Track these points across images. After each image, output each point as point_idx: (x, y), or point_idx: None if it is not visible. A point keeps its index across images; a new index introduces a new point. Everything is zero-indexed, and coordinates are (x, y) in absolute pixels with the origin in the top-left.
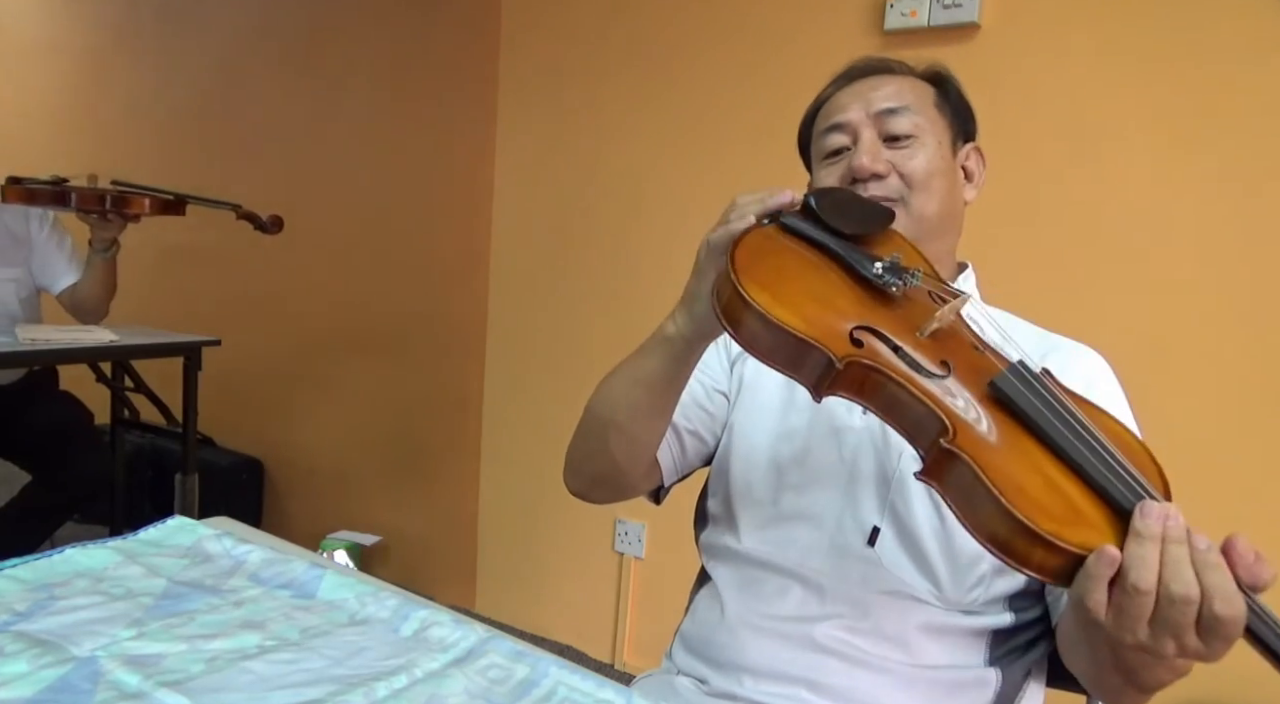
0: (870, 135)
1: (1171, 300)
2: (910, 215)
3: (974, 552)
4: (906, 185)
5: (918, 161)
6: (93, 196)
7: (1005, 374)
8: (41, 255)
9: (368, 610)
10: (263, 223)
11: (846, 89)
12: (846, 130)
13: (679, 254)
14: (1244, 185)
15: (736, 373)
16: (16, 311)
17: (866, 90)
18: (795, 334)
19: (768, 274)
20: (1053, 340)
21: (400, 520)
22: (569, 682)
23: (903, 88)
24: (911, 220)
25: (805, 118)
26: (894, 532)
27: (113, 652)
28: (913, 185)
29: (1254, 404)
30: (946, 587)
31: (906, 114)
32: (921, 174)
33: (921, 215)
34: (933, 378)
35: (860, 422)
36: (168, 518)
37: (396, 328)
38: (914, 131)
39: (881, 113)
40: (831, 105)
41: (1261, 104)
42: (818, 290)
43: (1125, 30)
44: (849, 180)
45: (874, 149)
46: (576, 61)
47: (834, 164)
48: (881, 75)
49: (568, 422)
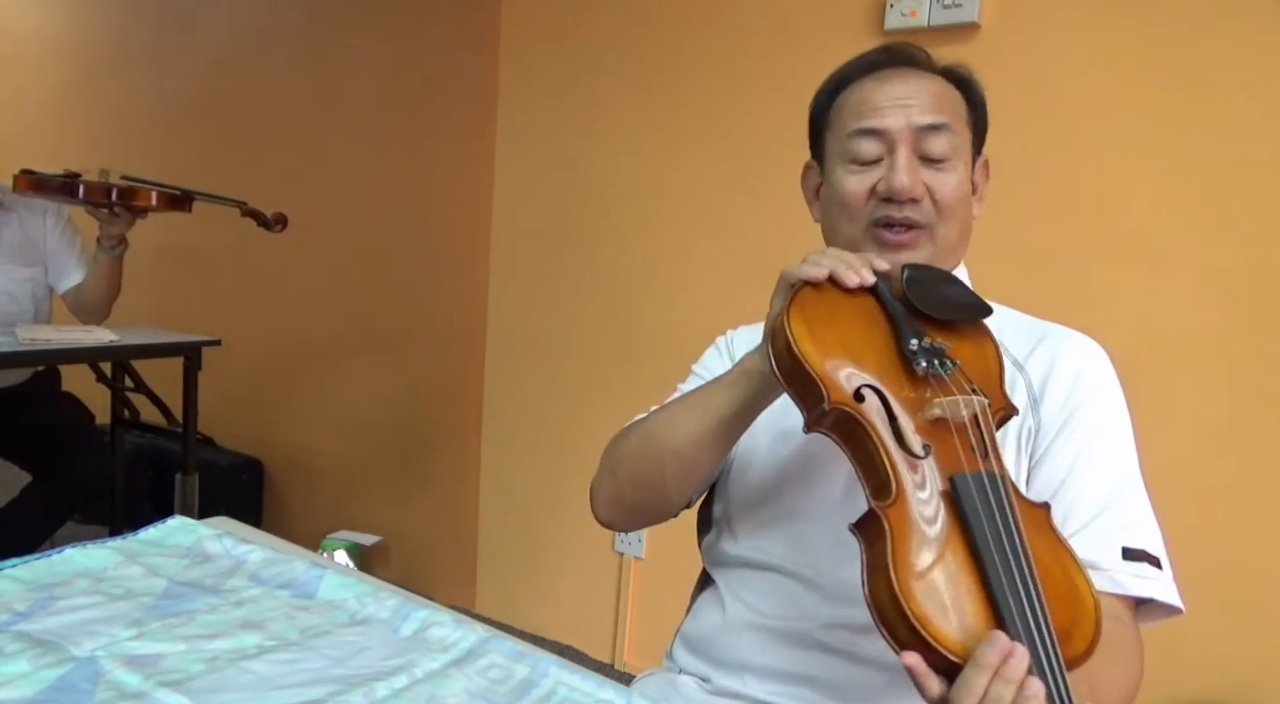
0: (908, 152)
1: (1172, 300)
2: (934, 243)
3: None
4: (937, 211)
5: (950, 188)
6: (100, 189)
7: (968, 476)
8: (53, 253)
9: (368, 610)
10: (267, 220)
11: (881, 87)
12: (883, 140)
13: (679, 253)
14: (1245, 184)
15: None
16: (32, 310)
17: (904, 93)
18: (806, 367)
19: (817, 313)
20: (1046, 328)
21: (400, 520)
22: (569, 682)
23: (941, 97)
24: (935, 249)
25: (821, 97)
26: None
27: (113, 652)
28: (942, 212)
29: (1254, 399)
30: None
31: (946, 134)
32: (952, 201)
33: (945, 243)
34: (907, 453)
35: None
36: (168, 518)
37: (396, 328)
38: (950, 154)
39: (923, 129)
40: (864, 102)
41: (1262, 103)
42: (854, 342)
43: (1125, 30)
44: (882, 198)
45: (913, 169)
46: (576, 58)
47: (860, 172)
48: (912, 69)
49: (568, 422)
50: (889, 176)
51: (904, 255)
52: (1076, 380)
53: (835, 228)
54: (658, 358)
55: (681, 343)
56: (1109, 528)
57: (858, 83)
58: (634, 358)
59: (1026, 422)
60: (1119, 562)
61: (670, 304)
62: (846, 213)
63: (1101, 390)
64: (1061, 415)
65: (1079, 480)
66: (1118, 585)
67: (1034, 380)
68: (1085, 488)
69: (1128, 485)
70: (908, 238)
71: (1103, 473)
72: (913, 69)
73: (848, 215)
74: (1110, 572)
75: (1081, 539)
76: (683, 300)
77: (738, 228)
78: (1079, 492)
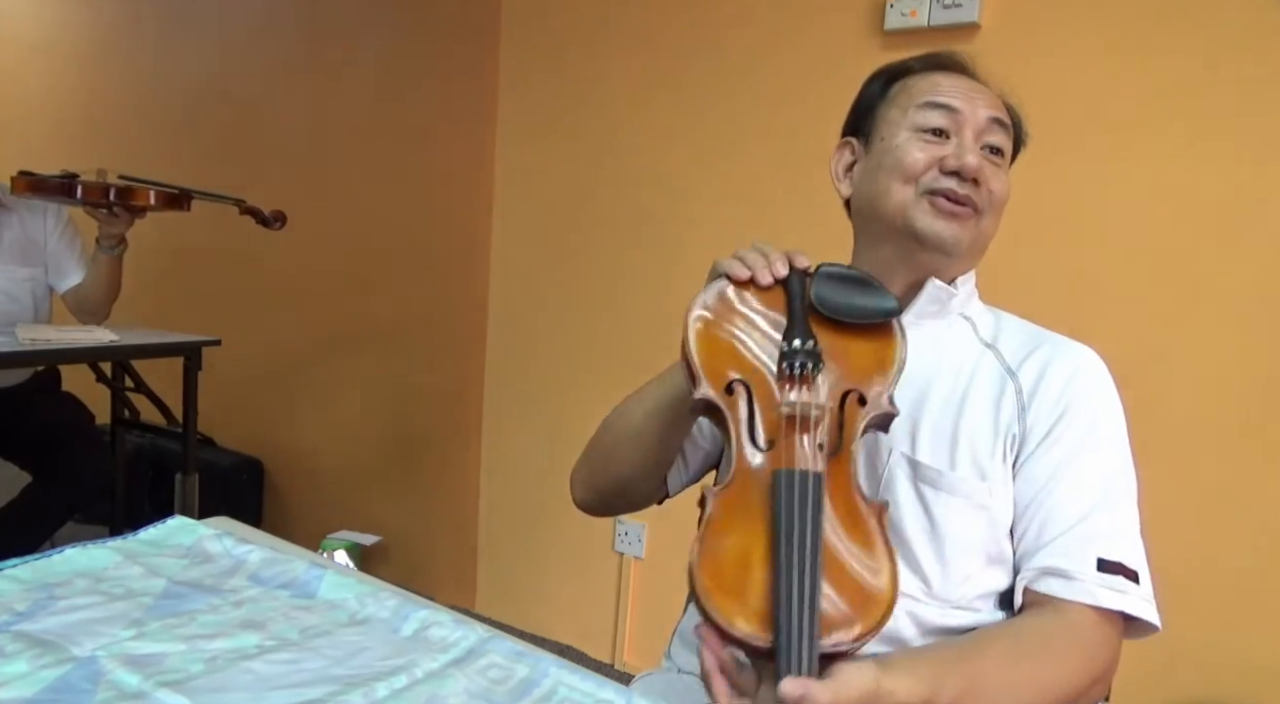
0: (972, 137)
1: (1174, 299)
2: (978, 230)
3: (961, 547)
4: (988, 202)
5: (1001, 182)
6: (98, 189)
7: (786, 472)
8: (54, 253)
9: (368, 610)
10: (265, 217)
11: (951, 78)
12: (953, 118)
13: (679, 252)
14: (1246, 184)
15: None
16: (32, 310)
17: (972, 88)
18: (690, 358)
19: (723, 308)
20: (1043, 337)
21: (400, 520)
22: (569, 682)
23: (998, 103)
24: (976, 235)
25: (878, 80)
26: None
27: (113, 652)
28: (990, 205)
29: (1253, 401)
30: (935, 584)
31: (1006, 132)
32: (1000, 196)
33: (983, 234)
34: (755, 446)
35: None
36: (168, 518)
37: (396, 328)
38: (1006, 150)
39: (991, 120)
40: (937, 85)
41: (1263, 103)
42: (744, 338)
43: (1125, 30)
44: (948, 170)
45: (979, 152)
46: (576, 57)
47: (928, 142)
48: (970, 78)
49: (568, 422)
50: (960, 153)
51: (953, 228)
52: (1066, 387)
53: (884, 192)
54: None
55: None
56: (1085, 536)
57: (923, 73)
58: (634, 357)
59: (1012, 429)
60: (1092, 572)
61: (671, 304)
62: (906, 178)
63: (1093, 398)
64: (1048, 421)
65: (1060, 487)
66: (1089, 595)
67: (1024, 387)
68: (1066, 496)
69: (1112, 496)
70: (963, 211)
71: (1086, 482)
72: (968, 77)
73: (905, 179)
74: (1083, 582)
75: (1056, 547)
76: (683, 299)
77: (739, 226)
78: (1059, 499)
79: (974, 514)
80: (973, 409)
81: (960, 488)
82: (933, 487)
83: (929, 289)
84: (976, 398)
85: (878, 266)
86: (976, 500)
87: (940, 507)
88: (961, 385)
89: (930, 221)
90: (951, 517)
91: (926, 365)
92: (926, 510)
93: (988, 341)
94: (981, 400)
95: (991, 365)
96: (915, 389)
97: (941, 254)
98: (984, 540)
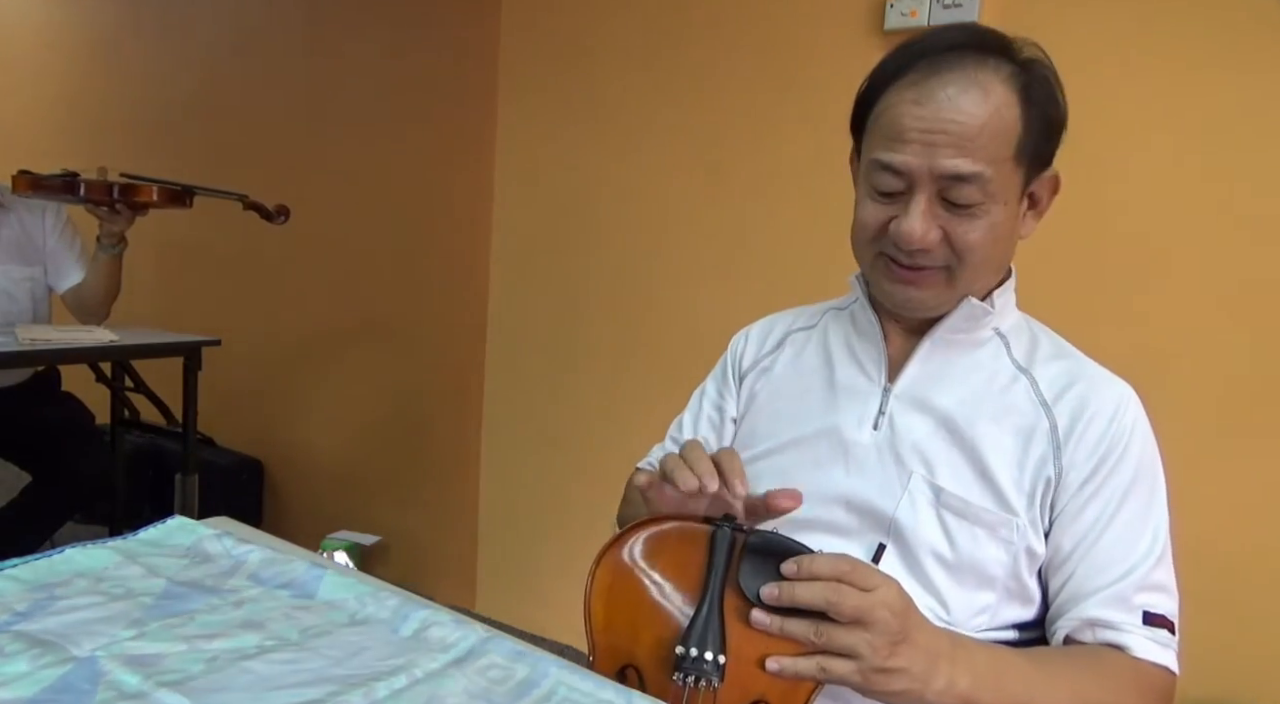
0: (928, 196)
1: (1175, 299)
2: (952, 283)
3: (982, 578)
4: (956, 256)
5: (976, 235)
6: (101, 187)
7: None
8: (53, 253)
9: (368, 610)
10: (269, 212)
11: (916, 107)
12: (904, 178)
13: (678, 252)
14: (1249, 185)
15: (747, 387)
16: (30, 310)
17: (937, 121)
18: (585, 618)
19: (632, 561)
20: (1080, 369)
21: (400, 520)
22: (569, 682)
23: (984, 127)
24: (951, 289)
25: (869, 88)
26: (898, 551)
27: (113, 652)
28: (963, 258)
29: (1256, 401)
30: (953, 610)
31: (973, 185)
32: (976, 248)
33: (964, 283)
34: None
35: (869, 438)
36: (168, 518)
37: (397, 328)
38: (981, 199)
39: (947, 177)
40: (895, 124)
41: (1266, 102)
42: (648, 612)
43: (1125, 30)
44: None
45: (929, 215)
46: (576, 57)
47: (880, 203)
48: (967, 73)
49: (568, 422)
50: (900, 219)
51: (909, 291)
52: (1106, 431)
53: (855, 244)
54: (658, 357)
55: (682, 342)
56: (1133, 589)
57: (899, 88)
58: (635, 357)
59: (1045, 469)
60: (1139, 625)
61: (671, 303)
62: (859, 241)
63: (1135, 443)
64: (1087, 466)
65: (1105, 537)
66: (1142, 649)
67: (1059, 425)
68: (1111, 546)
69: (1156, 548)
70: (916, 276)
71: (1132, 532)
72: (970, 72)
73: (860, 242)
74: (1132, 634)
75: (1102, 598)
76: (683, 299)
77: (738, 226)
78: (1105, 549)
79: (998, 547)
80: (1001, 439)
81: (985, 518)
82: (957, 514)
83: (964, 308)
84: (1004, 427)
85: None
86: (1001, 534)
87: (963, 535)
88: (989, 411)
89: (888, 286)
90: (973, 546)
91: (954, 386)
92: (949, 537)
93: (1022, 365)
94: (1011, 431)
95: (1025, 394)
96: (941, 411)
97: (906, 313)
98: (1005, 575)
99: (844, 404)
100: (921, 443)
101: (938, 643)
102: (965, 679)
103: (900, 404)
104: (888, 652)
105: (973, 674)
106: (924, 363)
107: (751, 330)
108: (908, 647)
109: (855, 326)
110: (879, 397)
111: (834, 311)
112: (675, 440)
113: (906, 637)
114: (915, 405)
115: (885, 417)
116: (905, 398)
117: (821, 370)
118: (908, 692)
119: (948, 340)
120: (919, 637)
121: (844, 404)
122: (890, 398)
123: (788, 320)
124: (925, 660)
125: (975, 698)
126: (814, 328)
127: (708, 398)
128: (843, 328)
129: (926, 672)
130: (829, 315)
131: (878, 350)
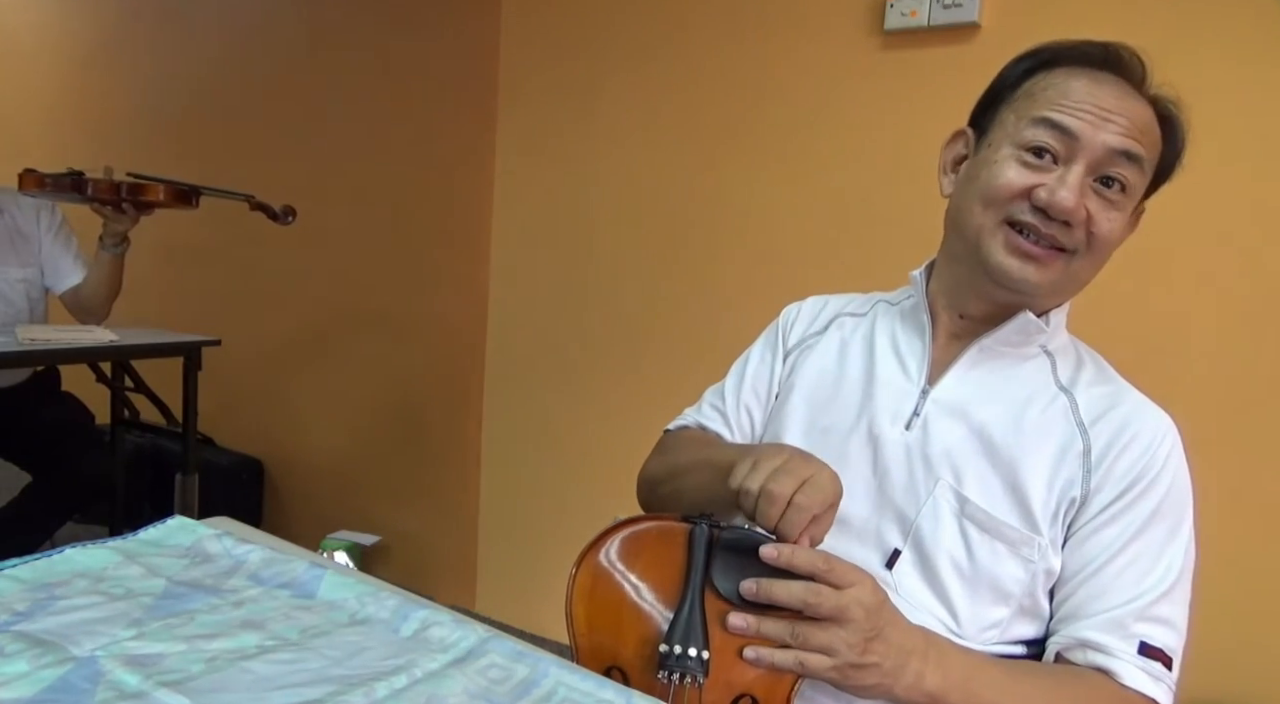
0: (1083, 169)
1: (1176, 300)
2: (1067, 273)
3: (997, 593)
4: (1085, 243)
5: (1111, 226)
6: (108, 186)
7: None
8: (49, 254)
9: (368, 610)
10: (276, 212)
11: (1091, 87)
12: (1067, 142)
13: (678, 252)
14: (1247, 184)
15: (790, 362)
16: (26, 311)
17: (1112, 106)
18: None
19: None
20: (1122, 395)
21: (400, 520)
22: (569, 682)
23: (1147, 129)
24: (1065, 279)
25: (1017, 67)
26: (914, 558)
27: (113, 652)
28: (1092, 245)
29: (1255, 401)
30: (964, 622)
31: (1134, 168)
32: (1105, 241)
33: (1077, 277)
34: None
35: (899, 436)
36: (168, 518)
37: (397, 328)
38: (1127, 190)
39: (1115, 152)
40: (1067, 93)
41: (1263, 104)
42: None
43: (1125, 30)
44: (1037, 204)
45: (1083, 189)
46: (576, 56)
47: (1028, 165)
48: (1128, 86)
49: (569, 422)
50: (1054, 187)
51: (1027, 269)
52: (1140, 458)
53: (967, 209)
54: (658, 356)
55: (681, 341)
56: (1135, 617)
57: (1067, 69)
58: (635, 356)
59: (1072, 490)
60: (1133, 654)
61: (670, 303)
62: (988, 201)
63: (1166, 474)
64: (1114, 491)
65: (1118, 561)
66: (1129, 677)
67: (1093, 447)
68: (1122, 572)
69: (1170, 582)
70: (1044, 254)
71: (1147, 562)
72: (1129, 86)
73: (986, 204)
74: (1123, 661)
75: (1101, 621)
76: (682, 299)
77: (739, 225)
78: (1115, 572)
79: (1017, 565)
80: (1034, 457)
81: (1008, 534)
82: (979, 527)
83: (1019, 321)
84: (1041, 445)
85: (953, 285)
86: (1023, 552)
87: (984, 549)
88: (1026, 427)
89: (1002, 257)
90: (992, 561)
91: (994, 398)
92: (969, 548)
93: (1064, 385)
94: (1045, 450)
95: (1063, 413)
96: (978, 421)
97: (1012, 293)
98: (1021, 592)
99: (880, 399)
100: (953, 450)
101: (911, 640)
102: (935, 678)
103: (936, 408)
104: (862, 648)
105: (943, 674)
106: (967, 370)
107: (804, 305)
108: (880, 643)
109: (904, 323)
110: (915, 397)
111: (885, 304)
112: (714, 407)
113: (879, 633)
114: (951, 411)
115: (919, 418)
116: (942, 402)
117: (863, 361)
118: (878, 685)
119: (995, 351)
120: (892, 633)
121: (880, 399)
122: (927, 400)
123: (840, 303)
124: (896, 656)
125: (943, 698)
126: (863, 317)
127: (752, 365)
128: (891, 322)
129: (897, 667)
130: (879, 307)
131: (923, 350)
